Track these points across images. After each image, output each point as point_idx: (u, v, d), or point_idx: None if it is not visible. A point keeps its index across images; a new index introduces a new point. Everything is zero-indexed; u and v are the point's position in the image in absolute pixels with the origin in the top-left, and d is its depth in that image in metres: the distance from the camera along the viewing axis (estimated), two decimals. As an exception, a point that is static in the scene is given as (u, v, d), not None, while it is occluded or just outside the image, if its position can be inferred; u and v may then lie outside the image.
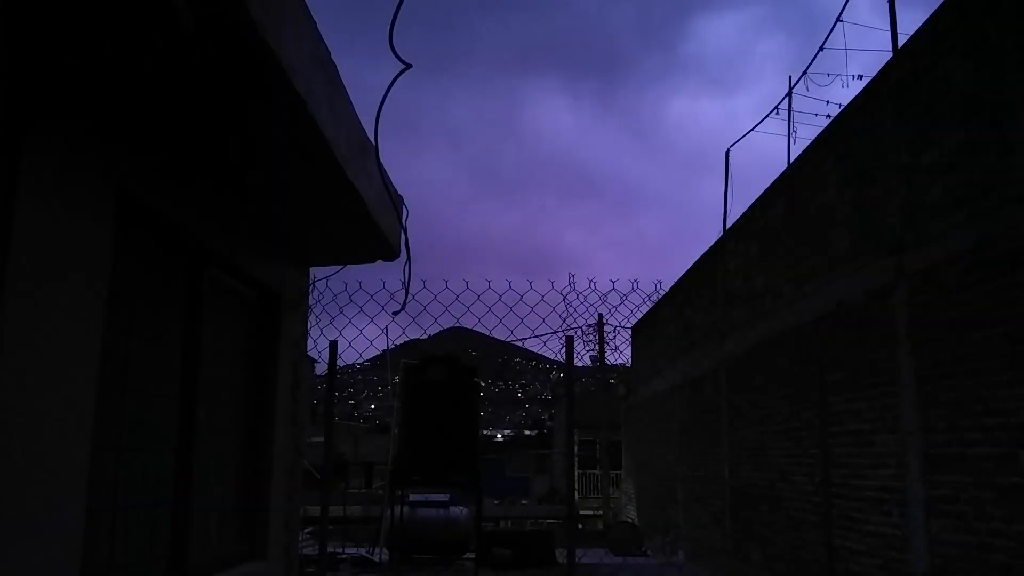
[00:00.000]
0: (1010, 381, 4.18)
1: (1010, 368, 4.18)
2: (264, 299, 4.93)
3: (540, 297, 9.09)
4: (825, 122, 7.97)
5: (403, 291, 4.48)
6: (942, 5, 5.06)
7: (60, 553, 2.69)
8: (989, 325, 4.36)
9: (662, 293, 12.11)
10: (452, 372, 7.01)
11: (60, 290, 2.70)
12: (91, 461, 2.85)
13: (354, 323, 8.96)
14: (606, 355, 21.29)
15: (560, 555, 10.78)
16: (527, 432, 64.03)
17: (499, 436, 61.16)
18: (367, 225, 4.45)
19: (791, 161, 8.27)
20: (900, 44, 5.99)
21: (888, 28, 6.79)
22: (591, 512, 24.20)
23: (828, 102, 9.71)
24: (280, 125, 3.11)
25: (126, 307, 3.32)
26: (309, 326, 5.98)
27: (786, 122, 9.88)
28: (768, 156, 10.91)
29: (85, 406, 2.83)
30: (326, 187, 3.85)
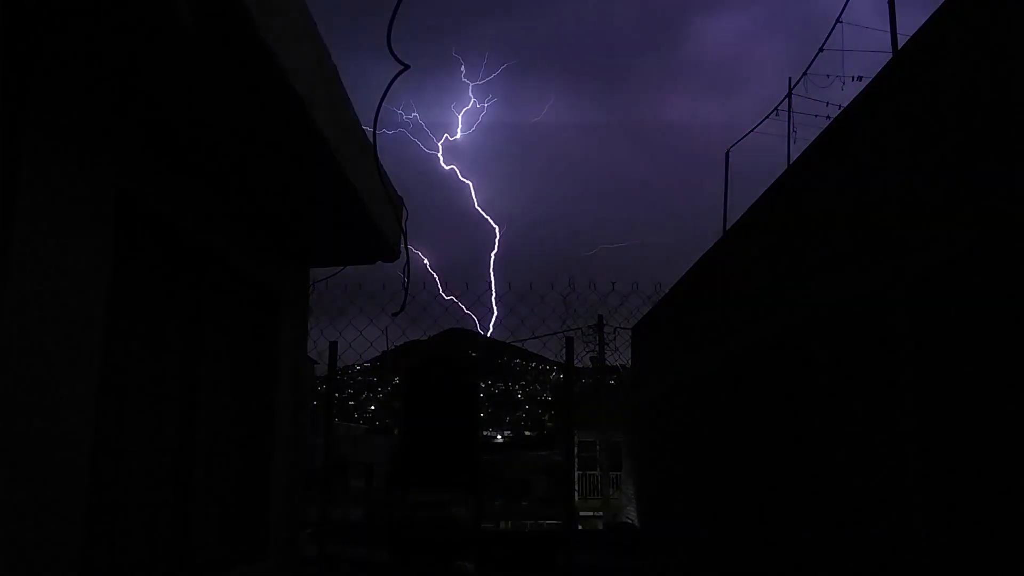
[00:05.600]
0: (1010, 382, 4.18)
1: (1010, 368, 4.18)
2: (264, 300, 4.93)
3: (540, 297, 9.13)
4: (825, 123, 7.98)
5: (403, 291, 4.50)
6: (942, 6, 5.06)
7: (60, 553, 2.69)
8: (989, 325, 4.36)
9: (662, 294, 12.13)
10: (452, 373, 7.03)
11: (61, 291, 2.70)
12: (91, 462, 2.85)
13: (354, 324, 9.00)
14: (606, 356, 21.32)
15: (560, 556, 10.78)
16: (527, 433, 64.08)
17: (499, 437, 61.19)
18: (367, 225, 4.46)
19: (791, 161, 8.28)
20: (900, 44, 5.99)
21: (888, 29, 6.79)
22: (591, 513, 24.21)
23: (828, 103, 9.73)
24: (280, 126, 3.11)
25: (126, 307, 3.32)
26: (309, 327, 5.98)
27: (786, 123, 9.90)
28: (768, 157, 10.91)
29: (85, 407, 2.83)
30: (326, 187, 3.85)
